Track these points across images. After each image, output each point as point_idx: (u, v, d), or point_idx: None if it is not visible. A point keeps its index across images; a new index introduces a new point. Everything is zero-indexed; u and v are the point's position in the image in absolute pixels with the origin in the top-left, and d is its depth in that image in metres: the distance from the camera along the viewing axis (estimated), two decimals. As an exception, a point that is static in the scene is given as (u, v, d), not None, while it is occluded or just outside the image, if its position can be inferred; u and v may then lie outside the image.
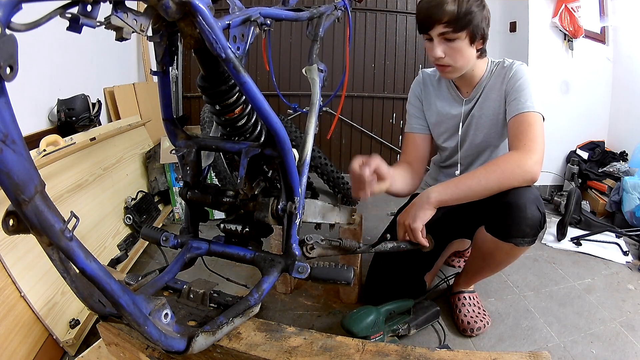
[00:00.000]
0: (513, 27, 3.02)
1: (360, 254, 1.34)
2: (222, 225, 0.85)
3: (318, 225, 1.19)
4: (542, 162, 1.02)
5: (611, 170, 2.54)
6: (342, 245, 0.87)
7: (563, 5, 2.85)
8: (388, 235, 0.97)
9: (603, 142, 3.15)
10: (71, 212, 0.43)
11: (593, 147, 3.01)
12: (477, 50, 1.15)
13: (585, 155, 2.82)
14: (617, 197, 2.20)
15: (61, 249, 0.42)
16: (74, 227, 0.43)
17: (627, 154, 2.89)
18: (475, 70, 1.22)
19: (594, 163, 2.75)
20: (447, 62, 1.12)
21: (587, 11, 2.98)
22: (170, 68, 0.71)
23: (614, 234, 1.92)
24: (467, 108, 1.27)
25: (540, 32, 2.90)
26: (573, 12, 2.87)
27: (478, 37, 1.10)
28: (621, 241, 1.86)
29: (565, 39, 2.98)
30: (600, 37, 3.14)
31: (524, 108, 1.10)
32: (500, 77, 1.20)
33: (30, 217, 0.39)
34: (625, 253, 1.77)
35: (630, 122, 3.00)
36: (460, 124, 1.28)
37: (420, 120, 1.35)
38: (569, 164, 2.74)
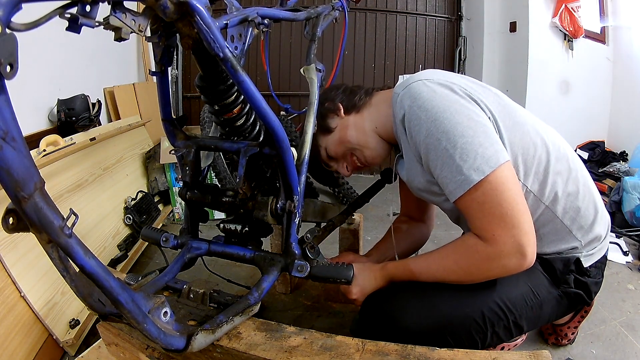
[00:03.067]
0: (513, 27, 3.03)
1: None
2: (221, 225, 0.85)
3: (318, 225, 1.19)
4: (532, 240, 0.71)
5: (611, 170, 2.54)
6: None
7: (563, 5, 2.85)
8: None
9: (603, 142, 3.15)
10: (70, 209, 0.44)
11: (593, 147, 3.02)
12: (347, 114, 0.94)
13: (585, 155, 2.83)
14: (617, 197, 2.20)
15: (60, 246, 0.42)
16: (73, 224, 0.44)
17: (627, 154, 2.90)
18: (379, 125, 0.94)
19: (594, 163, 2.75)
20: (349, 159, 0.97)
21: (587, 11, 2.99)
22: (169, 68, 0.72)
23: (614, 234, 1.92)
24: (401, 161, 0.96)
25: (540, 32, 2.90)
26: (573, 12, 2.88)
27: (323, 122, 0.95)
28: (621, 241, 1.86)
29: (565, 39, 2.98)
30: (600, 37, 3.14)
31: (459, 188, 0.73)
32: (399, 124, 0.84)
33: (30, 214, 0.39)
34: (625, 253, 1.76)
35: (630, 122, 3.00)
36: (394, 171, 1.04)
37: None
38: (569, 164, 2.76)
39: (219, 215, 2.00)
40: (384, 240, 1.15)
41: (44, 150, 1.40)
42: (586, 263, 0.87)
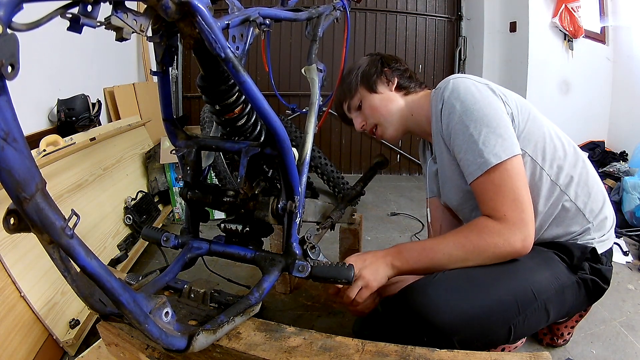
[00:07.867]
0: (513, 27, 3.03)
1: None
2: (222, 225, 0.85)
3: (318, 224, 1.19)
4: (533, 229, 0.80)
5: (611, 170, 2.54)
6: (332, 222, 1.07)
7: (563, 5, 2.86)
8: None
9: (603, 142, 3.15)
10: (72, 210, 0.43)
11: (593, 147, 3.02)
12: (396, 91, 1.04)
13: (585, 155, 2.84)
14: (617, 197, 2.20)
15: (62, 246, 0.42)
16: (75, 225, 0.44)
17: (627, 154, 2.90)
18: (415, 115, 1.02)
19: (594, 163, 2.75)
20: (370, 122, 1.05)
21: (587, 11, 2.99)
22: (170, 68, 0.72)
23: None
24: (433, 165, 1.06)
25: (540, 32, 2.90)
26: (573, 12, 2.88)
27: (373, 80, 1.02)
28: (621, 241, 1.86)
29: (565, 39, 2.98)
30: (600, 37, 3.15)
31: (478, 169, 0.81)
32: (437, 114, 0.92)
33: (31, 215, 0.39)
34: (625, 253, 1.77)
35: (630, 122, 3.01)
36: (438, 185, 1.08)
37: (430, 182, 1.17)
38: (569, 164, 2.76)
39: (220, 215, 2.00)
40: None
41: (44, 150, 1.40)
42: (600, 249, 0.92)
